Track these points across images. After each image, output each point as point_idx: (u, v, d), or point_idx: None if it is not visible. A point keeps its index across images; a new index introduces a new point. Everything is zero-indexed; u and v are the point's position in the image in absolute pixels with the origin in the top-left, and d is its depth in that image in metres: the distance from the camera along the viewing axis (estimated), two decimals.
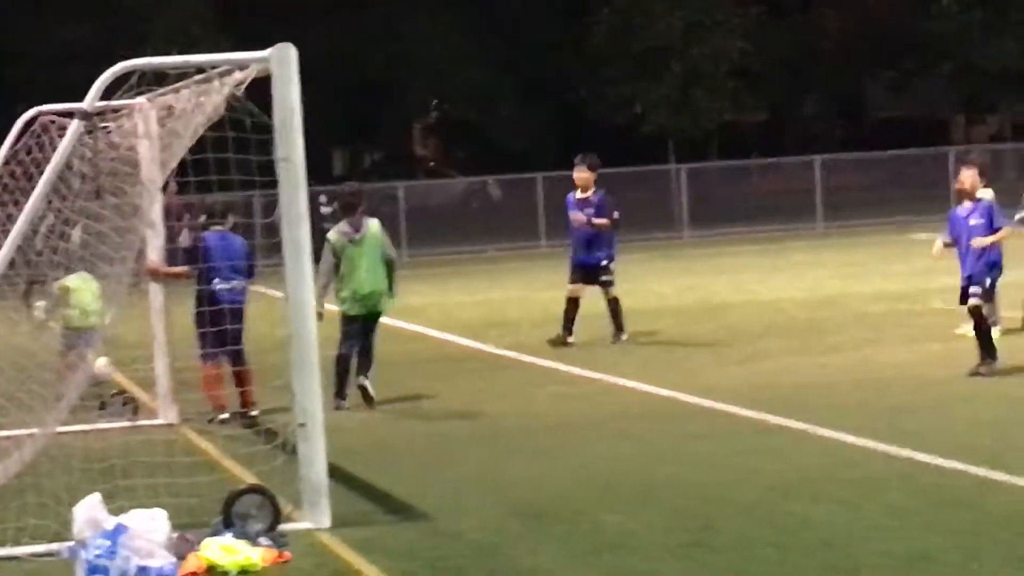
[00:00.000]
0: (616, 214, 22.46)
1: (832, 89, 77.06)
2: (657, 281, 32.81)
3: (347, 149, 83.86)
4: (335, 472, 12.86)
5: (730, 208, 52.02)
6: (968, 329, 20.67)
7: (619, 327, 22.47)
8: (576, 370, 19.77)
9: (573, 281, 22.43)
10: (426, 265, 40.85)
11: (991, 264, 17.71)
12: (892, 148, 54.50)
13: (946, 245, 18.07)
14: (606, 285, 22.30)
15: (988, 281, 17.69)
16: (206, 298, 17.23)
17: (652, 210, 51.35)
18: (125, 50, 25.70)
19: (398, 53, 71.73)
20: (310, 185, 12.68)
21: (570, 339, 22.20)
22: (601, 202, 22.43)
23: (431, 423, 17.13)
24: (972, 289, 17.53)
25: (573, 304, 22.34)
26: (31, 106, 15.18)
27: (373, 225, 18.17)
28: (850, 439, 14.50)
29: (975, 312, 17.66)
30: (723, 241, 44.98)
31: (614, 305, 22.45)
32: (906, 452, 13.72)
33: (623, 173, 55.02)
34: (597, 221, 22.21)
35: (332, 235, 17.99)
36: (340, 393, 17.80)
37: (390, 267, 18.13)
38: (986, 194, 18.17)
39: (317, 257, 14.74)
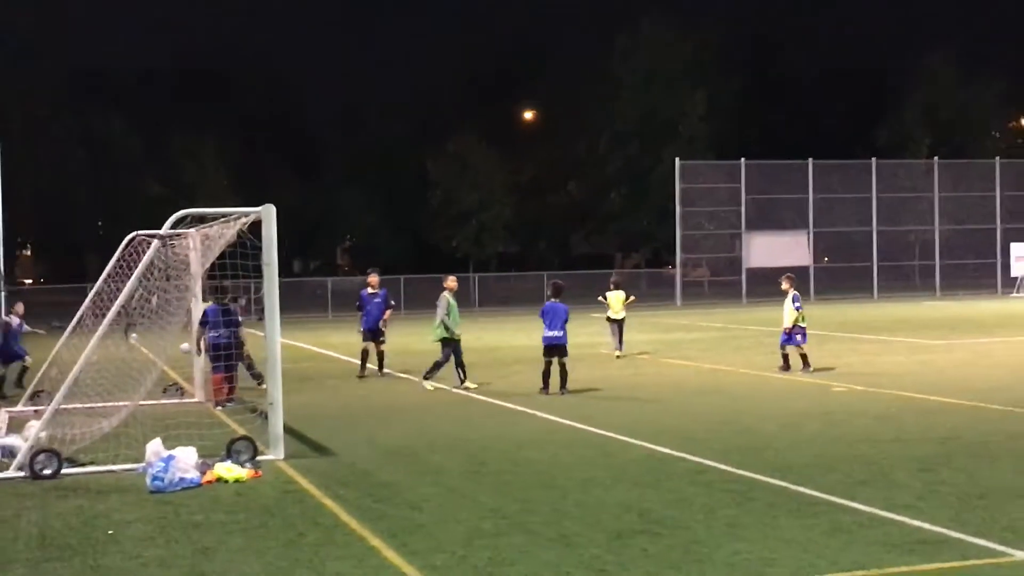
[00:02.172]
0: (392, 301, 20.81)
1: (556, 236, 78.07)
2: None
3: (300, 258, 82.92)
4: (287, 430, 12.78)
5: (503, 297, 52.44)
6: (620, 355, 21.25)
7: (381, 367, 20.27)
8: (416, 380, 19.67)
9: (366, 340, 20.32)
10: (343, 322, 40.52)
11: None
12: (582, 270, 55.63)
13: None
14: (383, 343, 20.35)
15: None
16: (211, 341, 16.70)
17: (457, 298, 51.49)
18: (183, 201, 25.25)
19: (328, 206, 72.21)
20: (281, 278, 12.68)
21: (365, 373, 20.13)
22: (384, 296, 20.35)
23: (340, 406, 16.95)
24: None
25: (367, 354, 20.39)
26: (138, 230, 14.94)
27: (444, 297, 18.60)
28: (555, 418, 14.64)
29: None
30: (497, 316, 45.08)
31: (383, 356, 20.36)
32: (583, 426, 13.90)
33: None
34: (386, 316, 20.35)
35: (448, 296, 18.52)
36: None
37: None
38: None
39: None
